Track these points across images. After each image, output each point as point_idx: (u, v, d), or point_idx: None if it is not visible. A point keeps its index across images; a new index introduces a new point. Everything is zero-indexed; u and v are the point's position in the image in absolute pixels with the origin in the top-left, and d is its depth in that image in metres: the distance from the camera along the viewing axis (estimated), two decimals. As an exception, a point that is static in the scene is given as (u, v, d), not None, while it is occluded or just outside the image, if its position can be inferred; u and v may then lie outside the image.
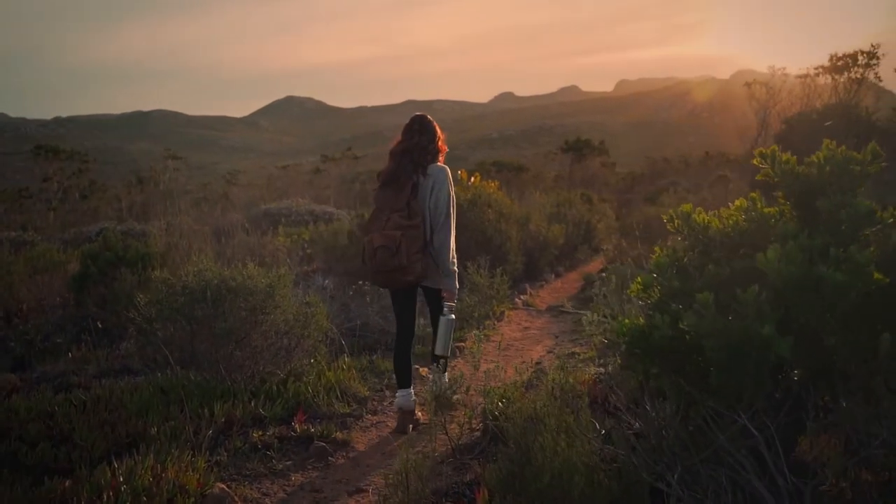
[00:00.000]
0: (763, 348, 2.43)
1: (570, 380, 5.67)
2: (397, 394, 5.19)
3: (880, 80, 20.45)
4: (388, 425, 5.32)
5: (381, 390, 6.04)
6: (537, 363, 7.05)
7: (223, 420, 4.88)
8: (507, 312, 9.49)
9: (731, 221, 2.96)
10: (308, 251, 13.07)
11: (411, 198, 4.94)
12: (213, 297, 5.37)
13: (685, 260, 3.02)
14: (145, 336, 5.76)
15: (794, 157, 3.07)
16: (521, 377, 6.05)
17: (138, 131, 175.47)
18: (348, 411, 5.43)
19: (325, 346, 6.07)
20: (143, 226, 15.70)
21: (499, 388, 5.53)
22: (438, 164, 5.16)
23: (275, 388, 5.44)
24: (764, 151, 3.03)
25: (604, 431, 3.65)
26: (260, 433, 4.83)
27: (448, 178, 5.12)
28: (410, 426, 5.15)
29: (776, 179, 3.02)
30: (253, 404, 5.14)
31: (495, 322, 8.93)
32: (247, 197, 29.10)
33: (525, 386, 5.76)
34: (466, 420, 4.98)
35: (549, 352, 7.55)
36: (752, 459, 2.66)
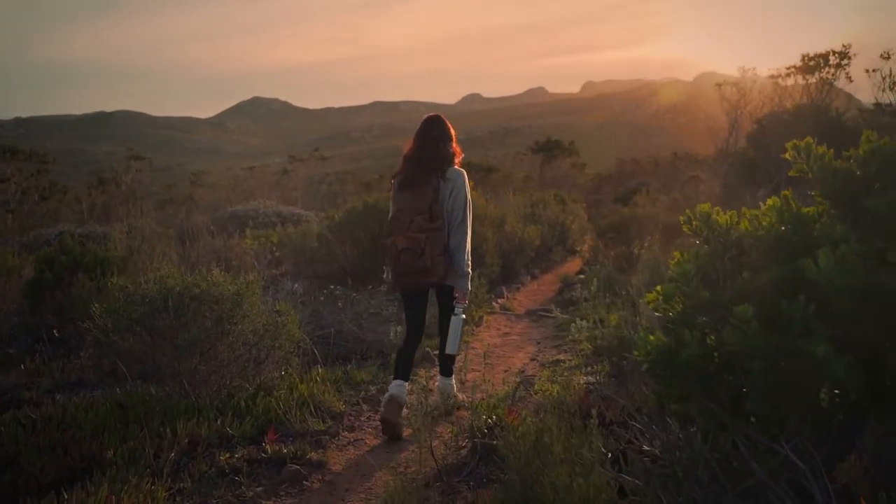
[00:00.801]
0: (815, 370, 2.09)
1: (560, 391, 5.35)
2: (392, 383, 5.07)
3: (851, 81, 20.41)
4: (366, 443, 4.94)
5: (358, 404, 5.64)
6: (521, 371, 6.71)
7: (187, 441, 4.47)
8: (485, 317, 9.14)
9: (764, 222, 2.61)
10: (277, 254, 12.63)
11: (432, 201, 5.01)
12: (175, 306, 4.95)
13: (713, 266, 2.67)
14: (101, 348, 5.31)
15: (831, 150, 2.73)
16: (507, 388, 5.72)
17: (101, 132, 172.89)
18: (323, 428, 5.02)
19: (297, 358, 5.66)
20: (105, 228, 15.14)
21: (485, 401, 5.18)
22: (455, 167, 5.23)
23: (243, 403, 5.03)
24: (798, 144, 2.69)
25: (610, 454, 3.30)
26: (227, 455, 4.42)
27: (465, 182, 5.22)
28: (397, 420, 4.93)
29: (811, 175, 2.68)
30: (220, 422, 4.73)
31: (474, 328, 8.57)
32: (213, 198, 28.50)
33: (512, 397, 5.40)
34: (452, 437, 4.61)
35: (532, 359, 7.20)
36: (792, 494, 2.32)
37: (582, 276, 12.36)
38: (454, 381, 5.62)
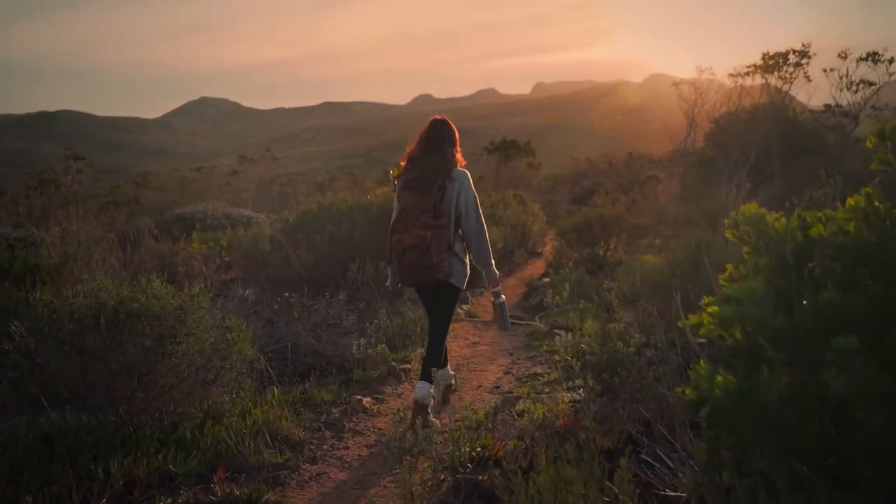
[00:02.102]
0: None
1: (546, 413, 4.82)
2: (417, 385, 5.10)
3: (810, 80, 20.28)
4: (330, 477, 4.33)
5: (320, 430, 5.00)
6: (496, 387, 6.15)
7: (122, 482, 3.81)
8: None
9: (850, 227, 2.07)
10: (226, 258, 11.92)
11: (438, 200, 5.06)
12: (109, 323, 4.30)
13: (782, 283, 2.11)
14: (22, 372, 4.62)
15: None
16: (486, 408, 5.17)
17: (44, 133, 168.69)
18: (281, 461, 4.39)
19: (250, 380, 5.02)
20: (44, 232, 14.21)
21: (463, 424, 4.61)
22: (459, 168, 5.30)
23: (189, 433, 4.39)
24: (885, 128, 2.16)
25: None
26: (169, 500, 3.78)
27: (470, 181, 5.29)
28: (419, 420, 4.73)
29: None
30: (161, 457, 4.08)
31: (440, 337, 8.01)
32: (159, 200, 27.51)
33: (493, 420, 4.85)
34: (431, 473, 4.02)
35: (506, 372, 6.65)
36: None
37: (547, 280, 11.89)
38: (449, 368, 5.80)
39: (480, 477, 3.80)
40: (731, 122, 21.23)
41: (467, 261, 5.36)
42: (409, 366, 6.61)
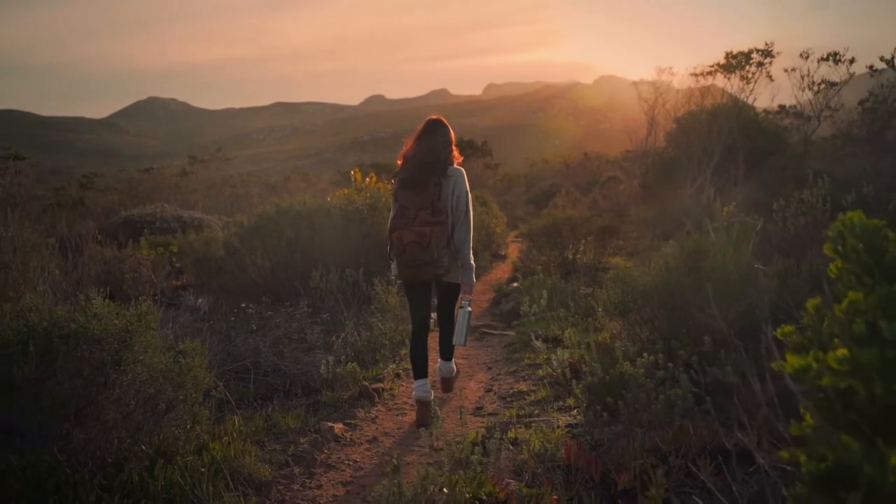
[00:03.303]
0: None
1: (543, 442, 4.29)
2: (414, 385, 5.37)
3: (772, 80, 20.11)
4: (302, 524, 3.75)
5: (287, 465, 4.39)
6: (479, 408, 5.61)
7: (55, 542, 3.20)
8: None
9: None
10: (177, 264, 11.21)
11: (435, 197, 5.21)
12: (40, 350, 3.66)
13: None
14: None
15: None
16: (471, 436, 4.63)
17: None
18: (245, 507, 3.80)
19: (207, 410, 4.39)
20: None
21: (451, 454, 4.04)
22: (455, 165, 5.44)
23: (136, 477, 3.77)
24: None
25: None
26: (112, 564, 3.18)
27: (465, 179, 5.44)
28: (430, 421, 5.13)
29: None
30: (103, 507, 3.48)
31: (412, 351, 7.45)
32: (106, 203, 26.43)
33: (482, 450, 4.30)
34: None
35: (487, 390, 6.11)
36: None
37: (515, 284, 11.39)
38: (454, 363, 5.89)
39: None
40: (692, 122, 20.99)
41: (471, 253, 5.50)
42: (381, 385, 6.03)
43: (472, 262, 5.43)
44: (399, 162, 5.51)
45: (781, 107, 22.87)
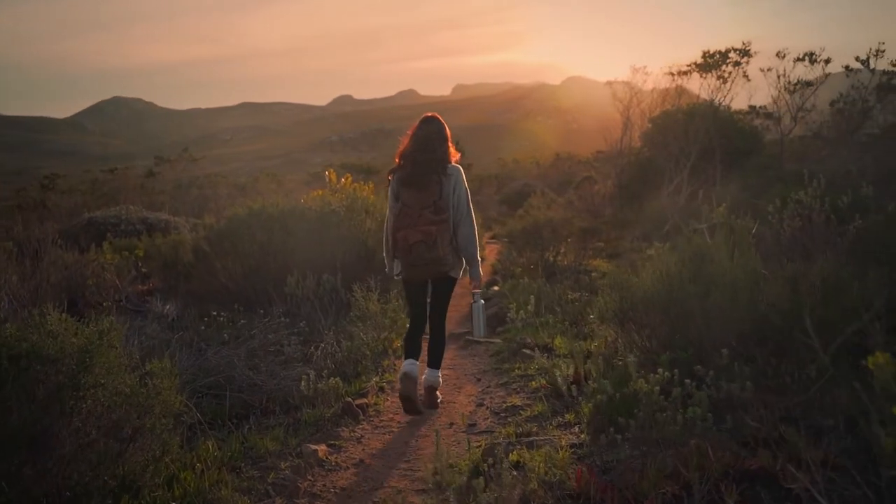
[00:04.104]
0: None
1: (548, 466, 3.91)
2: (405, 362, 5.44)
3: (749, 80, 19.96)
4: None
5: (268, 495, 3.96)
6: (472, 425, 5.21)
7: None
8: (403, 345, 7.62)
9: None
10: (143, 270, 10.70)
11: (436, 196, 5.28)
12: (-14, 374, 3.22)
13: None
14: None
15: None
16: (468, 460, 4.24)
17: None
18: (221, 549, 3.38)
19: (178, 437, 3.94)
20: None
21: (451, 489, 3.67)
22: (453, 163, 5.51)
23: (98, 515, 3.34)
24: None
25: None
26: None
27: (463, 176, 5.53)
28: (415, 395, 5.38)
29: None
30: (59, 554, 3.04)
31: (394, 360, 7.03)
32: (69, 204, 25.69)
33: (484, 474, 3.92)
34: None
35: (479, 404, 5.71)
36: None
37: (496, 288, 11.03)
38: (440, 373, 5.74)
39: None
40: (668, 121, 20.76)
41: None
42: (365, 400, 5.62)
43: (478, 254, 5.59)
44: (396, 160, 5.55)
45: (752, 107, 22.77)
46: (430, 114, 5.68)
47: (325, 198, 9.60)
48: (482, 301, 5.74)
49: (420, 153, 5.41)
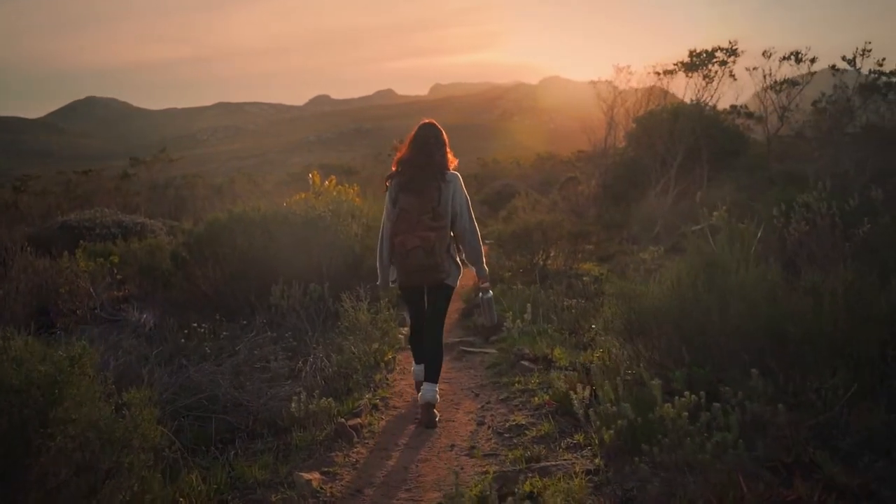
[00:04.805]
0: None
1: (566, 500, 3.58)
2: (414, 368, 5.86)
3: (735, 79, 19.77)
4: None
5: (260, 535, 3.61)
6: (474, 447, 4.86)
7: None
8: (396, 357, 7.25)
9: None
10: (118, 277, 10.26)
11: (435, 202, 5.26)
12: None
13: None
14: None
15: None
16: (475, 490, 3.90)
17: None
18: None
19: (159, 474, 3.55)
20: None
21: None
22: (451, 169, 5.49)
23: (68, 566, 2.97)
24: None
25: None
26: None
27: (462, 183, 5.54)
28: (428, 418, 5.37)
29: None
30: None
31: (386, 375, 6.67)
32: (42, 207, 25.05)
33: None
34: None
35: (479, 423, 5.35)
36: None
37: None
38: (437, 388, 5.50)
39: None
40: (653, 121, 20.52)
41: (459, 261, 5.60)
42: (359, 420, 5.25)
43: (483, 256, 5.64)
44: (394, 167, 5.55)
45: (733, 107, 22.59)
46: (427, 120, 5.68)
47: (310, 201, 9.22)
48: (491, 293, 5.98)
49: (418, 158, 5.41)
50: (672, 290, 5.17)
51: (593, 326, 7.00)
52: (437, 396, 5.47)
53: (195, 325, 6.95)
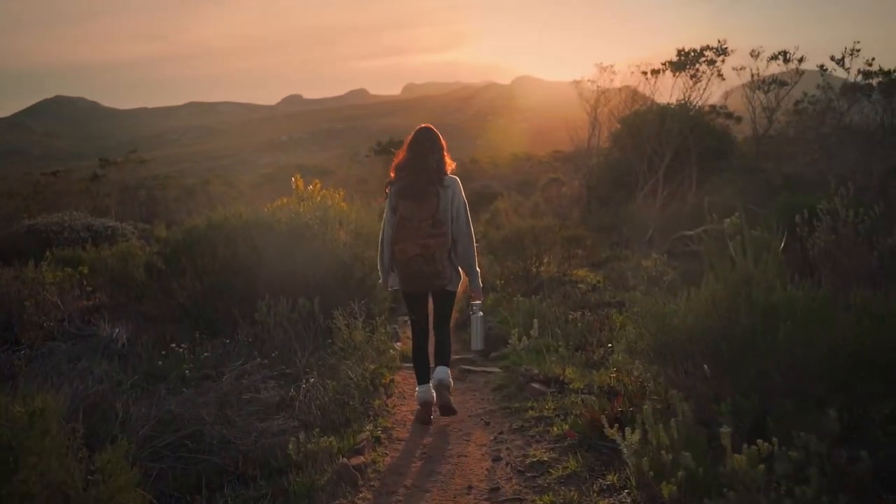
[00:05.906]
0: None
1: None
2: (417, 389, 5.64)
3: (723, 79, 19.43)
4: None
5: None
6: (494, 489, 4.31)
7: None
8: (394, 379, 6.70)
9: None
10: (88, 288, 9.62)
11: (434, 209, 5.25)
12: None
13: None
14: None
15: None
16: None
17: None
18: None
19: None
20: None
21: None
22: (449, 174, 5.49)
23: None
24: None
25: None
26: None
27: (461, 188, 5.53)
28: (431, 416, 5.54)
29: None
30: None
31: (386, 400, 6.10)
32: (7, 209, 24.18)
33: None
34: None
35: (495, 459, 4.79)
36: None
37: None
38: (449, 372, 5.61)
39: None
40: (638, 121, 20.08)
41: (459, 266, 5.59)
42: (362, 458, 4.66)
43: (477, 264, 5.63)
44: (392, 174, 5.51)
45: (712, 107, 22.27)
46: (424, 124, 5.66)
47: (294, 207, 8.62)
48: (481, 313, 5.93)
49: (416, 164, 5.40)
50: (709, 309, 4.66)
51: (610, 345, 6.50)
52: (451, 379, 5.60)
53: (173, 344, 6.34)
